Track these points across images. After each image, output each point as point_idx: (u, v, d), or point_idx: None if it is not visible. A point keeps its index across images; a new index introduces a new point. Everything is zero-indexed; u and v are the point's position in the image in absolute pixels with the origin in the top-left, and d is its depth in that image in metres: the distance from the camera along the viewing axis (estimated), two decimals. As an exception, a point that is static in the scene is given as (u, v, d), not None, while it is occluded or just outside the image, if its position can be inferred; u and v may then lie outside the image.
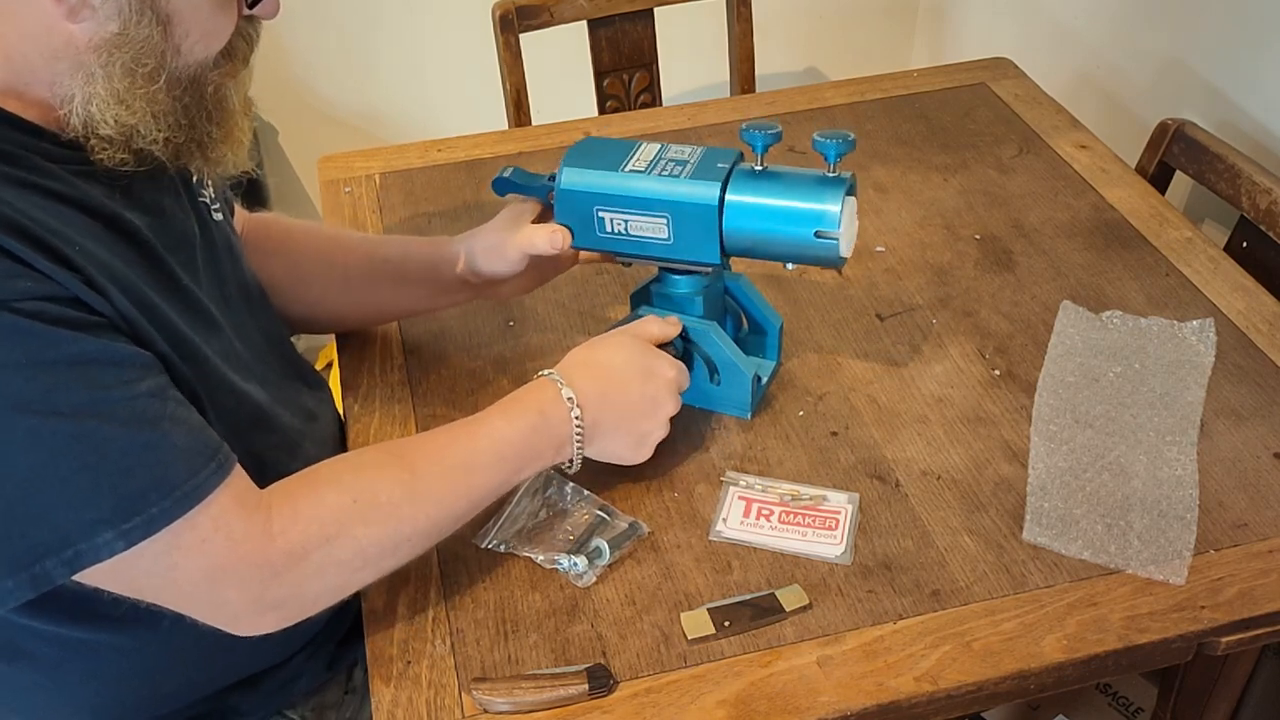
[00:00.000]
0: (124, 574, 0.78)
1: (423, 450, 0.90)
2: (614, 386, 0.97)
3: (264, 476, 0.86)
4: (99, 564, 0.75)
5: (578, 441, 0.95)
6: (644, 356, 0.99)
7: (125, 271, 0.81)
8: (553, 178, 1.07)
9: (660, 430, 1.00)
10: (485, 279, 1.11)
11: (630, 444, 0.99)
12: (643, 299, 1.12)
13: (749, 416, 1.11)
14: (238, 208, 1.15)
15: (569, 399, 0.94)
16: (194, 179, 0.95)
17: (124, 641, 0.90)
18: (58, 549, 0.74)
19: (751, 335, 1.15)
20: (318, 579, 0.84)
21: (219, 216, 0.98)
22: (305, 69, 2.18)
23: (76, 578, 0.77)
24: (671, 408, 1.00)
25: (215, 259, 0.96)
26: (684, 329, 1.08)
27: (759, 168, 1.03)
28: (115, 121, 0.80)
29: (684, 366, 1.03)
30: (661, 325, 1.03)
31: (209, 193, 0.98)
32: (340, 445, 1.11)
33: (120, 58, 0.78)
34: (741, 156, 1.06)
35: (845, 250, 1.01)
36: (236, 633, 0.85)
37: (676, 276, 1.08)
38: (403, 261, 1.14)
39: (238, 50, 0.87)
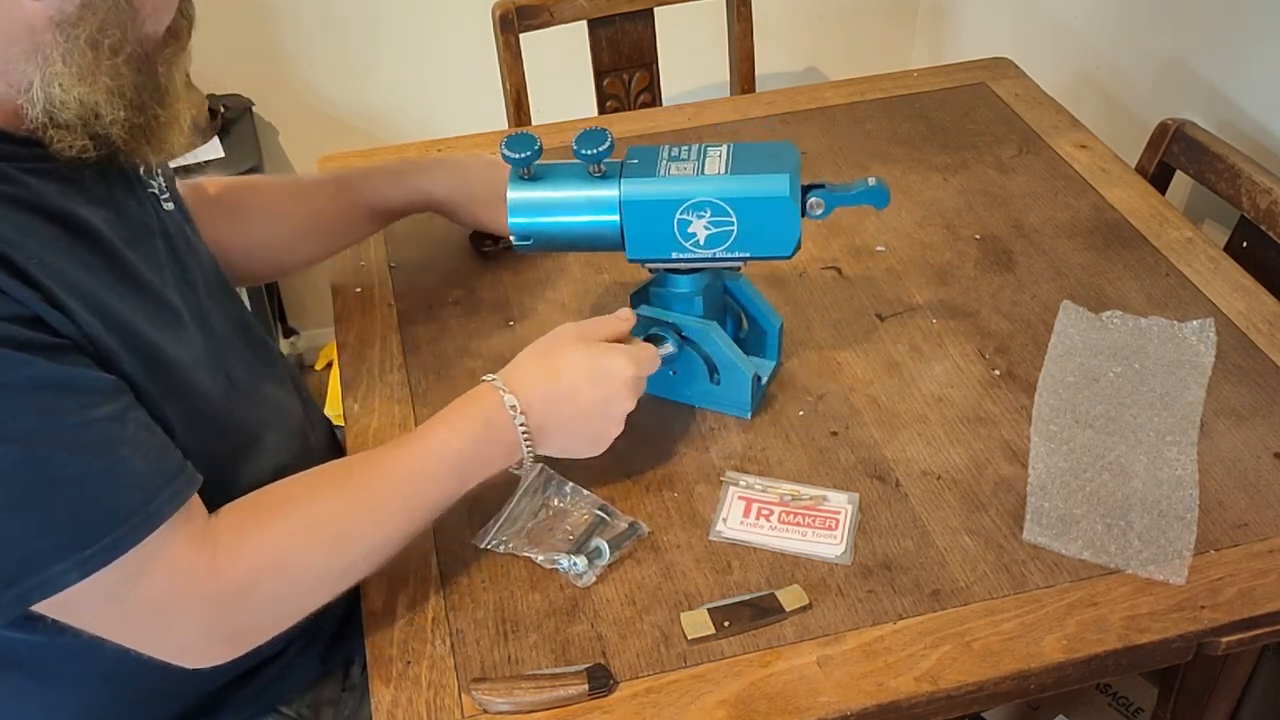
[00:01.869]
0: (73, 606, 0.77)
1: (370, 468, 0.89)
2: (560, 389, 0.94)
3: (224, 477, 0.86)
4: (54, 596, 0.74)
5: (526, 444, 0.93)
6: (594, 358, 0.96)
7: (85, 278, 0.79)
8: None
9: (615, 428, 0.98)
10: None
11: (583, 443, 0.98)
12: (642, 299, 1.12)
13: (749, 416, 1.11)
14: (204, 179, 1.17)
15: (511, 406, 0.92)
16: (141, 170, 0.93)
17: (111, 645, 0.90)
18: (13, 581, 0.73)
19: (751, 335, 1.15)
20: (269, 608, 0.84)
21: (169, 207, 0.97)
22: (305, 69, 2.18)
23: (29, 608, 0.76)
24: (626, 405, 0.97)
25: (175, 249, 0.95)
26: (683, 329, 1.08)
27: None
28: (78, 101, 0.78)
29: (646, 358, 0.99)
30: (614, 323, 1.00)
31: (157, 183, 0.97)
32: (306, 434, 1.09)
33: (84, 31, 0.77)
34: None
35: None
36: (187, 665, 0.84)
37: (677, 276, 1.08)
38: (381, 206, 1.20)
39: (181, 29, 0.86)
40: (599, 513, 1.01)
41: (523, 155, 1.00)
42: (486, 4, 1.74)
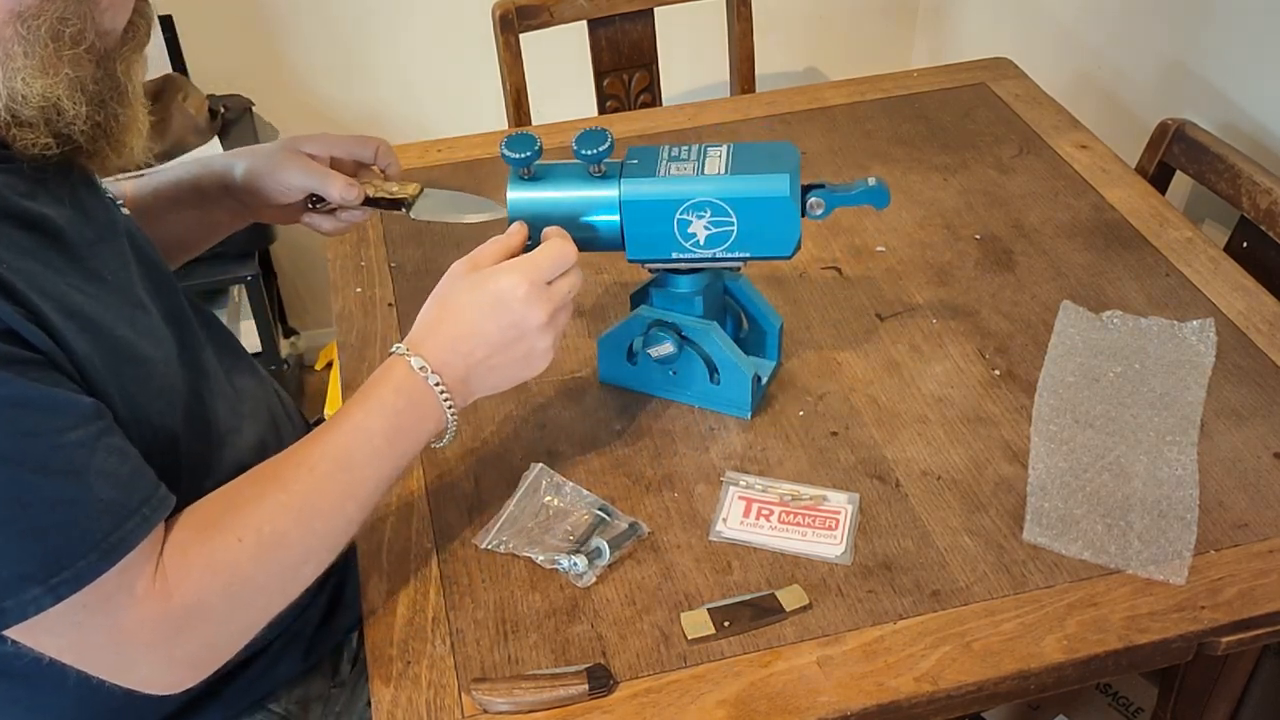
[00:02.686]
0: (34, 632, 0.76)
1: (295, 466, 0.86)
2: (464, 331, 0.90)
3: (203, 470, 0.86)
4: (21, 623, 0.74)
5: (448, 405, 0.90)
6: (483, 287, 0.90)
7: (55, 280, 0.79)
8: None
9: (540, 343, 0.92)
10: (252, 194, 1.10)
11: (514, 372, 0.93)
12: (642, 299, 1.12)
13: (749, 416, 1.11)
14: None
15: (421, 369, 0.88)
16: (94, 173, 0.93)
17: None
18: None
19: (751, 335, 1.15)
20: (225, 626, 0.83)
21: (125, 211, 0.97)
22: (305, 70, 2.18)
23: None
24: (538, 317, 0.90)
25: (138, 247, 0.94)
26: (682, 329, 1.08)
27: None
28: (40, 96, 0.78)
29: (538, 261, 0.92)
30: (501, 243, 0.95)
31: (111, 188, 0.97)
32: (280, 424, 1.08)
33: (44, 22, 0.76)
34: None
35: None
36: (151, 692, 0.83)
37: (677, 276, 1.08)
38: (177, 190, 1.13)
39: (138, 29, 0.86)
40: (599, 513, 1.01)
41: (523, 155, 1.00)
42: (486, 4, 1.74)
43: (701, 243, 1.02)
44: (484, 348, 0.90)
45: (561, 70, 1.92)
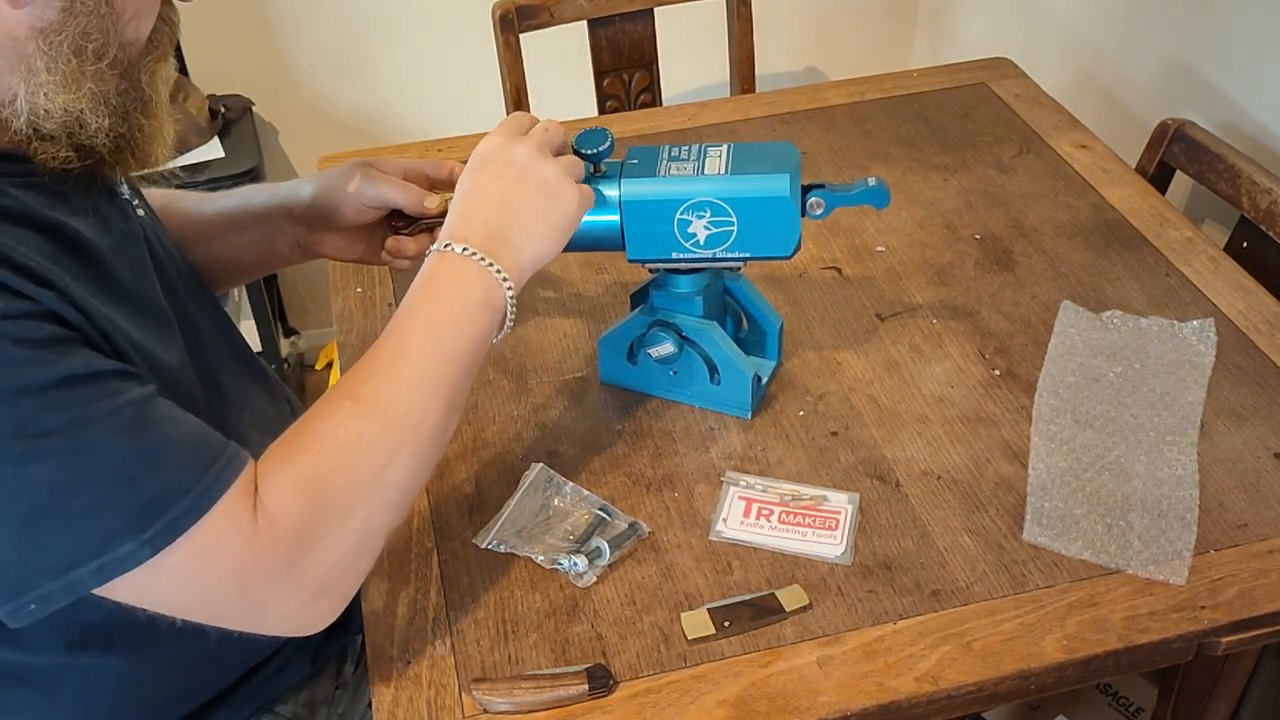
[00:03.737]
0: (155, 591, 0.76)
1: (353, 374, 0.84)
2: (470, 203, 0.90)
3: None
4: (128, 576, 0.74)
5: (484, 263, 0.87)
6: (468, 163, 0.92)
7: (76, 286, 0.79)
8: None
9: (545, 168, 0.91)
10: (321, 217, 1.08)
11: (543, 206, 0.91)
12: (642, 299, 1.12)
13: (749, 416, 1.11)
14: None
15: (445, 247, 0.87)
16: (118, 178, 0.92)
17: (116, 662, 0.90)
18: (86, 561, 0.73)
19: (751, 335, 1.15)
20: (334, 543, 0.80)
21: (141, 213, 0.97)
22: (306, 69, 2.18)
23: (117, 598, 0.76)
24: (528, 147, 0.91)
25: (155, 254, 0.94)
26: (682, 329, 1.08)
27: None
28: (63, 110, 0.78)
29: (502, 124, 0.94)
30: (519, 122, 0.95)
31: (126, 190, 0.96)
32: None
33: (67, 38, 0.76)
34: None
35: None
36: (297, 634, 0.82)
37: (677, 276, 1.08)
38: (236, 211, 1.12)
39: (162, 36, 0.85)
40: (599, 513, 1.01)
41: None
42: (486, 4, 1.74)
43: (701, 243, 1.02)
44: (494, 200, 0.90)
45: (561, 70, 1.92)
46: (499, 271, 0.87)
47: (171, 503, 0.74)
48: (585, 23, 1.78)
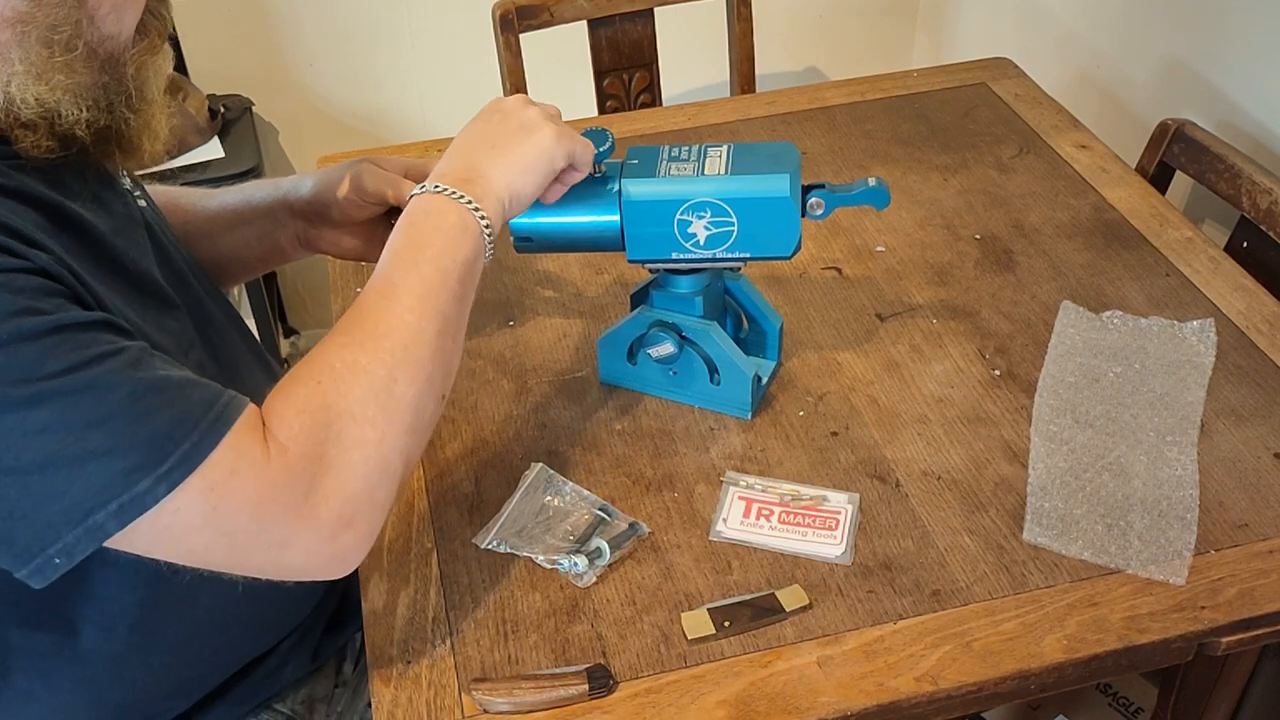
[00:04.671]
0: (176, 533, 0.76)
1: (346, 314, 0.86)
2: (457, 145, 0.94)
3: None
4: (148, 518, 0.73)
5: (458, 197, 0.89)
6: (492, 106, 0.96)
7: (75, 264, 0.79)
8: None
9: (529, 111, 0.95)
10: (321, 212, 1.09)
11: (519, 142, 0.93)
12: (642, 299, 1.12)
13: (749, 417, 1.11)
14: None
15: (421, 189, 0.90)
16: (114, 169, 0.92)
17: (115, 649, 0.90)
18: (104, 503, 0.72)
19: (752, 335, 1.15)
20: (352, 466, 0.80)
21: (143, 203, 0.97)
22: (305, 69, 2.18)
23: (141, 550, 0.75)
24: (518, 99, 0.96)
25: (158, 240, 0.95)
26: (683, 329, 1.08)
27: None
28: (36, 101, 0.77)
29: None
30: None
31: (127, 180, 0.96)
32: None
33: (35, 30, 0.76)
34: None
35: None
36: (324, 575, 0.82)
37: (677, 276, 1.08)
38: (239, 205, 1.12)
39: (150, 28, 0.84)
40: (599, 513, 1.01)
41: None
42: (486, 4, 1.74)
43: (702, 243, 1.02)
44: (476, 139, 0.93)
45: (561, 70, 1.92)
46: (469, 201, 0.89)
47: (183, 437, 0.74)
48: (585, 23, 1.78)
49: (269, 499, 0.77)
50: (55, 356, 0.72)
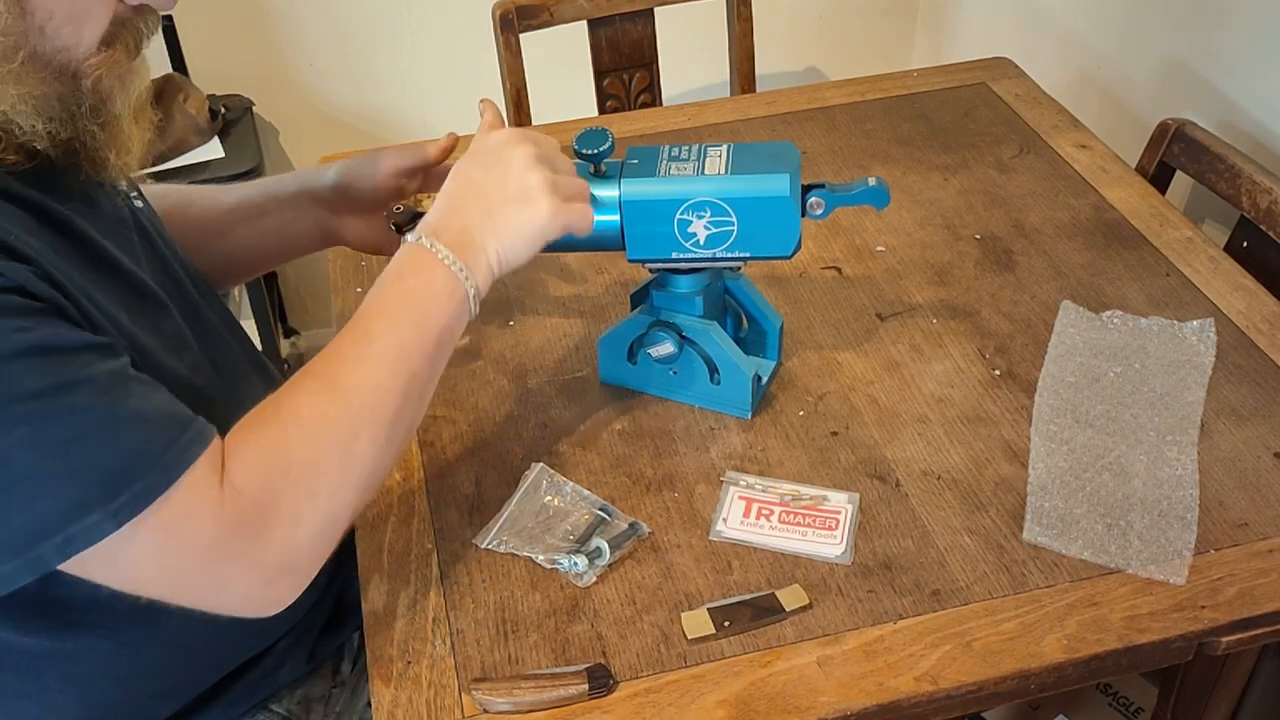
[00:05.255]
0: (119, 565, 0.77)
1: (322, 356, 0.86)
2: (454, 191, 0.92)
3: None
4: (93, 549, 0.73)
5: (449, 261, 0.89)
6: (468, 151, 0.94)
7: (63, 264, 0.79)
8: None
9: (532, 174, 0.91)
10: (343, 198, 1.11)
11: (515, 211, 0.91)
12: (643, 299, 1.12)
13: (749, 416, 1.11)
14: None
15: (416, 239, 0.89)
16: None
17: (106, 647, 0.90)
18: (49, 534, 0.72)
19: (752, 335, 1.15)
20: (299, 519, 0.81)
21: (140, 204, 0.96)
22: (305, 69, 2.18)
23: (80, 574, 0.76)
24: (525, 151, 0.92)
25: (151, 242, 0.94)
26: (683, 329, 1.08)
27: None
28: None
29: (514, 129, 0.96)
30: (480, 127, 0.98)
31: (123, 182, 0.94)
32: None
33: None
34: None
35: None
36: (255, 614, 0.82)
37: (677, 276, 1.08)
38: (259, 197, 1.13)
39: (118, 39, 0.80)
40: (599, 513, 1.01)
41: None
42: (486, 4, 1.74)
43: (702, 243, 1.02)
44: (474, 196, 0.92)
45: (561, 70, 1.92)
46: (462, 270, 0.89)
47: (138, 474, 0.74)
48: (585, 23, 1.78)
49: (217, 543, 0.78)
50: (24, 380, 0.72)
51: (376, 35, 2.16)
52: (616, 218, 1.02)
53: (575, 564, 0.96)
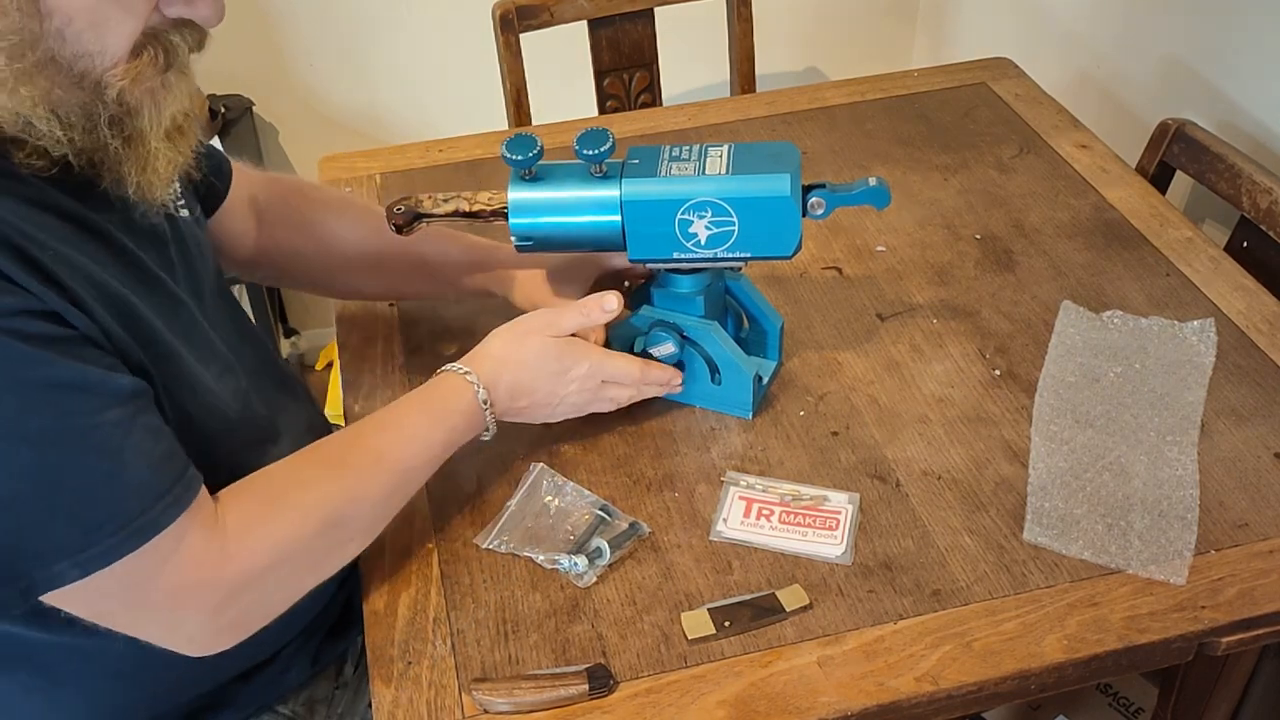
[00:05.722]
0: (84, 600, 0.79)
1: (361, 457, 0.92)
2: (524, 388, 1.00)
3: (232, 478, 0.87)
4: (57, 591, 0.76)
5: (490, 429, 1.00)
6: (560, 359, 1.01)
7: (101, 274, 0.79)
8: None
9: (566, 412, 1.04)
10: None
11: (533, 416, 1.04)
12: (643, 299, 1.12)
13: (750, 416, 1.11)
14: (256, 171, 1.16)
15: (484, 402, 0.98)
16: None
17: (115, 646, 0.90)
18: (15, 578, 0.75)
19: (752, 335, 1.15)
20: (274, 594, 0.87)
21: (185, 213, 0.96)
22: (305, 69, 2.18)
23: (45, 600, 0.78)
24: (582, 401, 1.04)
25: (186, 253, 0.94)
26: (684, 329, 1.08)
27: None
28: (11, 111, 0.75)
29: (613, 367, 1.03)
30: (585, 316, 1.02)
31: (174, 188, 0.95)
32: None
33: None
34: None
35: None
36: (189, 654, 0.85)
37: (678, 276, 1.08)
38: (440, 263, 1.17)
39: (145, 50, 0.78)
40: (599, 513, 1.01)
41: (524, 157, 1.00)
42: (486, 4, 1.74)
43: (703, 243, 1.02)
44: (528, 399, 1.01)
45: (561, 70, 1.92)
46: (494, 425, 1.00)
47: (114, 529, 0.76)
48: (585, 23, 1.78)
49: (188, 597, 0.82)
50: (35, 415, 0.73)
51: (376, 35, 2.16)
52: (618, 218, 1.02)
53: (575, 564, 0.96)
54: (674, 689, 0.88)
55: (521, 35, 1.75)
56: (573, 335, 1.02)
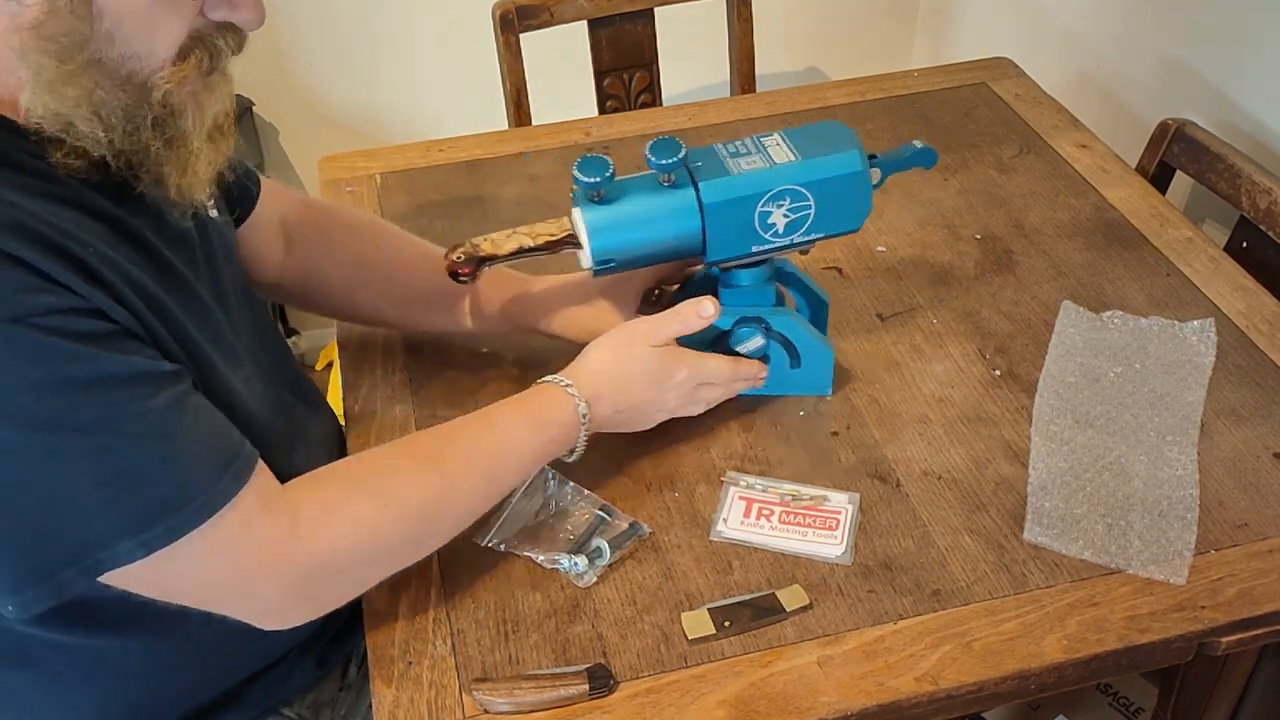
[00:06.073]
0: (153, 579, 0.80)
1: (454, 455, 0.93)
2: (627, 402, 1.01)
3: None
4: (122, 569, 0.76)
5: (578, 449, 1.00)
6: (662, 368, 1.01)
7: (137, 275, 0.80)
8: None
9: (660, 417, 1.05)
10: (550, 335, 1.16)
11: (625, 423, 1.04)
12: (687, 296, 1.08)
13: (829, 394, 1.12)
14: (291, 191, 1.16)
15: (584, 417, 0.98)
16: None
17: (127, 646, 0.91)
18: (77, 559, 0.75)
19: (807, 315, 1.16)
20: (350, 578, 0.88)
21: (214, 213, 0.96)
22: (305, 69, 2.18)
23: (106, 581, 0.78)
24: (677, 404, 1.04)
25: (212, 255, 0.95)
26: (767, 320, 1.08)
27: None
28: (44, 109, 0.75)
29: (711, 370, 1.04)
30: (678, 325, 1.02)
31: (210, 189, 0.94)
32: (333, 449, 1.10)
33: (37, 40, 0.73)
34: None
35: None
36: (266, 626, 0.86)
37: (742, 271, 1.07)
38: (471, 299, 1.15)
39: (192, 53, 0.79)
40: (600, 513, 1.01)
41: (599, 179, 0.98)
42: (486, 4, 1.74)
43: (780, 231, 1.03)
44: (630, 409, 1.02)
45: (561, 70, 1.92)
46: (587, 438, 0.99)
47: (176, 508, 0.77)
48: (585, 23, 1.78)
49: (256, 571, 0.83)
50: (84, 409, 0.74)
51: (376, 35, 2.16)
52: (698, 222, 1.01)
53: (576, 564, 0.96)
54: (674, 689, 0.88)
55: (521, 35, 1.75)
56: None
